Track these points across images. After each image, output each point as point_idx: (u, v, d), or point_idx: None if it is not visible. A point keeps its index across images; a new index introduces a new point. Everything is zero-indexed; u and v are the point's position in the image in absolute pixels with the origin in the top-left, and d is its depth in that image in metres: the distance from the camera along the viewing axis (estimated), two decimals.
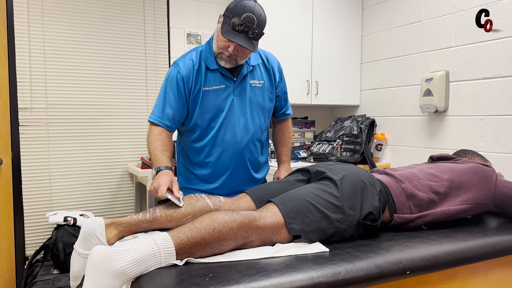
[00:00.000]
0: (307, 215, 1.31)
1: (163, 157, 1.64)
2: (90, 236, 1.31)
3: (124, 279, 1.06)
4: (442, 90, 2.73)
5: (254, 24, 1.59)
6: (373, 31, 3.41)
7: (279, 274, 1.06)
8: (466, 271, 1.40)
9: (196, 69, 1.73)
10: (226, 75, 1.74)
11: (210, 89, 1.73)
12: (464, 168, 1.63)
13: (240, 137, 1.78)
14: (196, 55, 1.76)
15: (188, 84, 1.72)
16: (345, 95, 3.50)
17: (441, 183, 1.56)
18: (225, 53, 1.66)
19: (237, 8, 1.58)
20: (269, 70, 1.87)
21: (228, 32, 1.60)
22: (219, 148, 1.77)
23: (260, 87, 1.83)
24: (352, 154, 3.10)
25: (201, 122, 1.75)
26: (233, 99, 1.76)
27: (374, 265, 1.18)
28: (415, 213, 1.50)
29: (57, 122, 2.80)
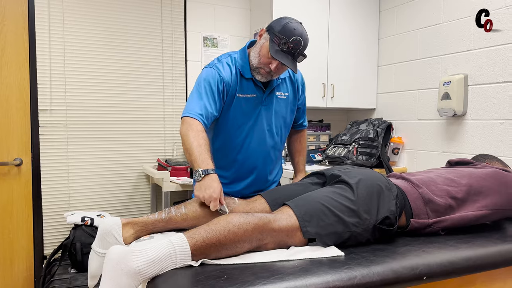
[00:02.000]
0: (322, 219, 1.31)
1: (208, 158, 1.53)
2: (107, 235, 1.33)
3: (140, 279, 1.08)
4: (461, 93, 2.69)
5: (300, 47, 1.65)
6: (390, 34, 3.39)
7: (293, 277, 1.06)
8: (484, 278, 1.37)
9: (234, 74, 1.78)
10: (259, 86, 1.80)
11: (242, 96, 1.78)
12: (483, 173, 1.60)
13: (264, 145, 1.85)
14: (231, 60, 1.81)
15: (227, 87, 1.76)
16: (361, 98, 3.47)
17: (459, 188, 1.53)
18: (265, 69, 1.72)
19: (286, 30, 1.63)
20: (294, 84, 1.94)
21: (275, 51, 1.64)
22: (244, 155, 1.83)
23: (284, 99, 1.90)
24: (368, 157, 3.07)
25: (231, 127, 1.80)
26: (261, 109, 1.82)
27: (390, 270, 1.16)
28: (432, 218, 1.48)
29: (75, 123, 2.85)
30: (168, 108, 3.13)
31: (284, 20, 1.66)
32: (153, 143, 3.12)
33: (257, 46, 1.75)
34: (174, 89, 3.15)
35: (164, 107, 3.12)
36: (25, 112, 2.66)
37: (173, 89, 3.14)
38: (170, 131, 3.16)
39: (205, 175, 1.47)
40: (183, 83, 3.18)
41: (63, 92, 2.79)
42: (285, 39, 1.62)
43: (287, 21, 1.65)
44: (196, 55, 3.19)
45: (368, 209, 1.36)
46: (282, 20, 1.67)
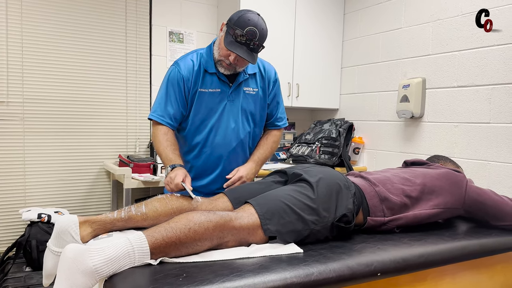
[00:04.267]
0: (283, 217, 1.33)
1: (175, 156, 1.73)
2: (64, 233, 1.29)
3: (97, 277, 1.06)
4: (419, 96, 2.80)
5: (256, 38, 1.65)
6: (353, 37, 3.47)
7: (252, 274, 1.08)
8: (435, 273, 1.44)
9: (196, 70, 1.79)
10: (223, 80, 1.80)
11: (206, 91, 1.79)
12: (436, 173, 1.68)
13: (229, 140, 1.84)
14: (196, 56, 1.82)
15: (187, 84, 1.78)
16: (325, 98, 3.54)
17: (414, 187, 1.60)
18: (226, 61, 1.72)
19: (241, 20, 1.64)
20: (265, 79, 1.93)
21: (231, 43, 1.66)
22: (208, 149, 1.84)
23: (253, 95, 1.89)
24: (330, 157, 3.14)
25: (192, 122, 1.82)
26: (226, 104, 1.82)
27: (346, 266, 1.20)
28: (388, 216, 1.54)
29: (33, 116, 2.75)
30: (131, 103, 3.07)
31: (241, 12, 1.67)
32: (115, 138, 3.05)
33: (217, 39, 1.77)
34: (137, 84, 3.09)
35: (127, 102, 3.06)
36: None
37: (137, 84, 3.09)
38: (133, 127, 3.11)
39: (172, 168, 1.67)
40: (147, 78, 3.13)
41: (20, 84, 2.68)
42: (240, 29, 1.63)
43: (244, 13, 1.67)
44: (161, 50, 3.14)
45: (327, 207, 1.40)
46: (240, 12, 1.68)
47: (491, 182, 2.42)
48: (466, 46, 2.56)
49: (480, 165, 2.50)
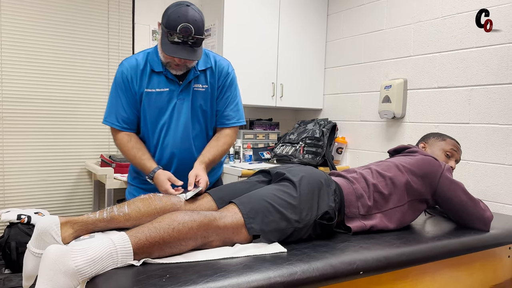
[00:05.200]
0: (266, 215, 1.34)
1: (147, 162, 1.71)
2: (44, 235, 1.27)
3: (79, 278, 1.04)
4: (400, 97, 2.85)
5: (192, 33, 1.56)
6: (337, 38, 3.50)
7: (236, 274, 1.08)
8: (416, 271, 1.47)
9: (141, 70, 1.72)
10: (172, 79, 1.73)
11: (153, 91, 1.73)
12: (410, 163, 1.69)
13: (180, 140, 1.78)
14: (143, 56, 1.75)
15: (133, 84, 1.72)
16: (309, 98, 3.56)
17: (385, 182, 1.64)
18: (173, 63, 1.66)
19: (171, 20, 1.54)
20: (215, 74, 1.82)
21: (168, 47, 1.57)
22: (160, 150, 1.78)
23: (203, 92, 1.80)
24: (314, 156, 3.16)
25: (144, 123, 1.77)
26: (176, 103, 1.75)
27: (329, 265, 1.22)
28: (362, 213, 1.57)
29: (12, 116, 2.69)
30: None
31: (170, 9, 1.57)
32: (97, 138, 3.01)
33: (158, 42, 1.70)
34: None
35: None
36: None
37: None
38: None
39: (152, 176, 1.67)
40: None
41: None
42: (173, 31, 1.54)
43: (172, 10, 1.56)
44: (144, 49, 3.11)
45: (310, 205, 1.42)
46: (168, 9, 1.58)
47: (470, 181, 2.48)
48: (446, 48, 2.62)
49: (459, 165, 2.55)
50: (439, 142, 1.96)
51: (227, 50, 3.04)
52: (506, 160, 2.31)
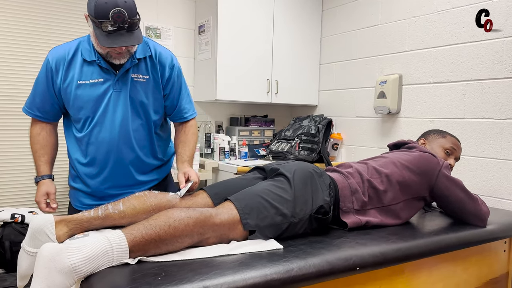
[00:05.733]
0: (261, 211, 1.34)
1: (40, 164, 1.72)
2: (39, 233, 1.26)
3: (75, 277, 1.03)
4: (395, 92, 2.84)
5: (126, 17, 1.44)
6: (331, 33, 3.49)
7: (232, 272, 1.07)
8: (412, 267, 1.47)
9: (69, 60, 1.61)
10: (106, 68, 1.61)
11: (86, 82, 1.61)
12: (408, 160, 1.69)
13: (117, 135, 1.65)
14: (74, 45, 1.64)
15: (57, 74, 1.61)
16: (304, 95, 3.56)
17: (381, 179, 1.63)
18: (113, 52, 1.55)
19: (99, 9, 1.42)
20: (156, 65, 1.71)
21: (104, 38, 1.46)
22: (94, 146, 1.66)
23: (143, 83, 1.68)
24: (310, 153, 3.16)
25: (76, 116, 1.65)
26: (112, 94, 1.63)
27: (325, 261, 1.21)
28: (357, 208, 1.57)
29: (3, 114, 2.66)
30: None
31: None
32: None
33: (91, 35, 1.57)
34: None
35: None
36: None
37: None
38: None
39: (36, 182, 1.70)
40: None
41: None
42: (104, 20, 1.43)
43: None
44: None
45: (304, 200, 1.42)
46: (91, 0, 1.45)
47: (466, 176, 2.48)
48: (441, 42, 2.61)
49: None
50: (439, 139, 1.95)
51: (221, 47, 3.03)
52: (501, 155, 2.32)
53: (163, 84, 1.74)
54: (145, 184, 1.78)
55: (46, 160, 1.73)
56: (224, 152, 3.17)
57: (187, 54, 3.31)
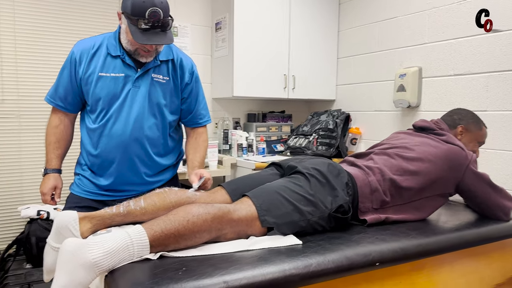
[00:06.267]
0: (279, 208, 1.34)
1: (52, 157, 1.74)
2: (63, 229, 1.29)
3: (96, 271, 1.06)
4: (415, 85, 2.80)
5: (161, 16, 1.51)
6: (349, 27, 3.45)
7: (251, 267, 1.08)
8: (433, 262, 1.45)
9: (93, 53, 1.66)
10: (129, 64, 1.66)
11: (107, 75, 1.65)
12: (436, 155, 1.62)
13: (130, 130, 1.67)
14: (100, 39, 1.70)
15: (79, 65, 1.66)
16: (322, 89, 3.53)
17: (405, 176, 1.58)
18: (142, 50, 1.60)
19: (136, 7, 1.48)
20: (177, 69, 1.76)
21: (139, 35, 1.51)
22: (106, 139, 1.67)
23: (163, 84, 1.73)
24: (328, 148, 3.14)
25: (94, 107, 1.68)
26: (131, 90, 1.67)
27: (344, 257, 1.21)
28: (376, 207, 1.54)
29: (29, 114, 2.73)
30: None
31: None
32: None
33: (122, 31, 1.62)
34: None
35: None
36: None
37: None
38: None
39: (44, 174, 1.74)
40: None
41: (14, 81, 2.67)
42: (141, 18, 1.49)
43: None
44: None
45: (323, 198, 1.41)
46: None
47: (488, 170, 2.43)
48: (462, 34, 2.56)
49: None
50: (477, 132, 1.83)
51: (237, 43, 3.03)
52: None
53: (181, 87, 1.79)
54: (152, 184, 1.77)
55: (59, 154, 1.76)
56: (242, 148, 3.19)
57: (204, 51, 3.33)
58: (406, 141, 1.72)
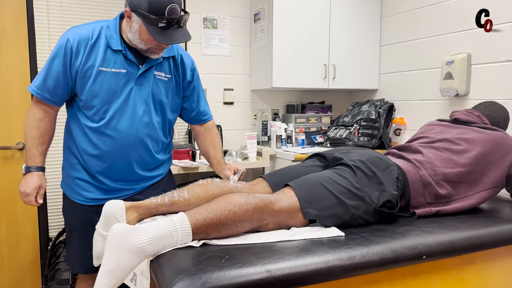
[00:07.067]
0: (322, 200, 1.32)
1: (36, 154, 1.62)
2: (110, 218, 1.34)
3: (142, 256, 1.10)
4: (464, 73, 2.67)
5: (179, 12, 1.45)
6: (393, 13, 3.34)
7: (294, 257, 1.08)
8: (484, 256, 1.39)
9: (92, 43, 1.55)
10: (131, 60, 1.58)
11: (108, 70, 1.56)
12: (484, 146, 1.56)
13: (135, 129, 1.62)
14: (98, 27, 1.58)
15: (76, 56, 1.54)
16: (363, 79, 3.44)
17: (457, 169, 1.52)
18: (156, 48, 1.55)
19: (154, 4, 1.41)
20: (178, 66, 1.72)
21: (159, 35, 1.45)
22: (109, 138, 1.60)
23: (165, 81, 1.68)
24: (370, 139, 3.07)
25: (89, 103, 1.58)
26: (133, 88, 1.60)
27: (389, 249, 1.18)
28: (429, 201, 1.49)
29: None
30: None
31: None
32: None
33: (132, 30, 1.52)
34: None
35: None
36: (26, 97, 2.66)
37: None
38: None
39: (26, 172, 1.62)
40: None
41: None
42: (161, 17, 1.42)
43: None
44: (195, 37, 3.15)
45: (370, 192, 1.37)
46: None
47: None
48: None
49: None
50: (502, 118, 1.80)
51: (276, 34, 3.01)
52: None
53: (183, 85, 1.76)
54: (151, 179, 1.76)
55: (43, 150, 1.65)
56: (281, 139, 3.17)
57: (243, 43, 3.33)
58: (448, 136, 1.65)
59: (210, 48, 3.17)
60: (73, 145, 1.68)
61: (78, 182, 1.69)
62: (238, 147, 3.23)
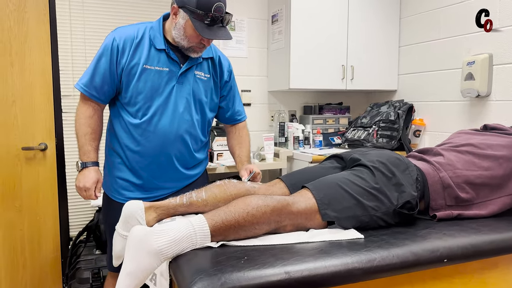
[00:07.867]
0: (341, 202, 1.31)
1: (90, 149, 1.67)
2: (130, 218, 1.35)
3: (161, 258, 1.10)
4: (485, 73, 2.62)
5: (224, 10, 1.53)
6: (412, 13, 3.29)
7: (313, 259, 1.07)
8: (507, 260, 1.36)
9: (137, 42, 1.62)
10: (173, 59, 1.65)
11: (151, 68, 1.63)
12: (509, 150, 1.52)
13: (177, 126, 1.68)
14: (143, 28, 1.66)
15: (122, 54, 1.61)
16: (382, 79, 3.41)
17: (479, 172, 1.48)
18: (198, 46, 1.61)
19: (203, 0, 1.49)
20: (216, 67, 1.79)
21: (206, 30, 1.52)
22: (151, 134, 1.67)
23: (204, 81, 1.74)
24: (389, 140, 3.03)
25: (133, 100, 1.65)
26: (175, 86, 1.66)
27: (410, 252, 1.16)
28: (450, 204, 1.46)
29: None
30: None
31: None
32: None
33: (177, 27, 1.59)
34: None
35: None
36: (49, 98, 2.71)
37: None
38: None
39: (83, 168, 1.66)
40: None
41: None
42: (207, 13, 1.49)
43: None
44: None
45: (389, 194, 1.35)
46: None
47: None
48: None
49: None
50: None
51: (294, 35, 3.00)
52: None
53: (221, 85, 1.83)
54: (188, 178, 1.81)
55: (96, 146, 1.70)
56: (298, 140, 3.16)
57: (260, 44, 3.34)
58: (473, 141, 1.62)
59: (228, 49, 3.18)
60: (116, 143, 1.74)
61: (119, 181, 1.75)
62: (255, 148, 3.23)
